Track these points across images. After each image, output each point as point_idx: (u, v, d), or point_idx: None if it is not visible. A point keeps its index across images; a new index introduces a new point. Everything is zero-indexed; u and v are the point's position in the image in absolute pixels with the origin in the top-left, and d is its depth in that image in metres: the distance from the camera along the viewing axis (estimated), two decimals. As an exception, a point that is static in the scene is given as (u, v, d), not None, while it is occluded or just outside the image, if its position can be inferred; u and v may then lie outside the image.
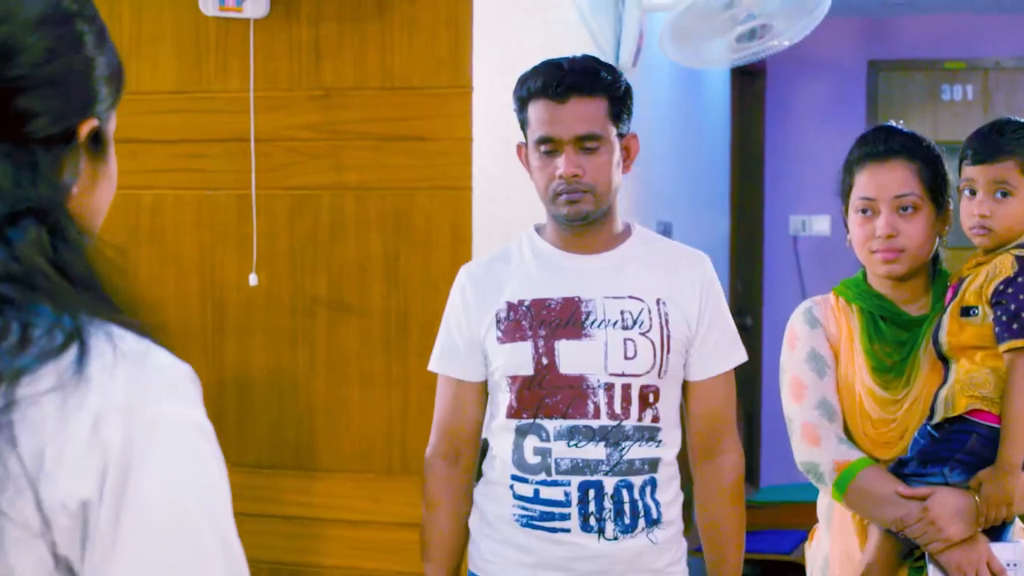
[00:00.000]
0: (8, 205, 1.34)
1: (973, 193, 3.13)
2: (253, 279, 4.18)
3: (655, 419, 3.15)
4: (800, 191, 8.84)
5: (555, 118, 3.11)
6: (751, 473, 8.08)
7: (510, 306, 3.20)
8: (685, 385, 3.26)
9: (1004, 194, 3.09)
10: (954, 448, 3.06)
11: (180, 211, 4.32)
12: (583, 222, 3.17)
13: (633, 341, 3.13)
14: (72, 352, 1.30)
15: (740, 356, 3.29)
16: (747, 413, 8.28)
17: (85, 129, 1.43)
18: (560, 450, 3.13)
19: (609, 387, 3.12)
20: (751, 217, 8.88)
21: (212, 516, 1.36)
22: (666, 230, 6.36)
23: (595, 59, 3.21)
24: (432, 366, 3.34)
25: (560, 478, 3.13)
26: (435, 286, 4.06)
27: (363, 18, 4.12)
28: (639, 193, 5.93)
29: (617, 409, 3.12)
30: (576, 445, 3.12)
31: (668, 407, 3.19)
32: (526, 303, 3.18)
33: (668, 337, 3.16)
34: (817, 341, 3.27)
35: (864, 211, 3.20)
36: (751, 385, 8.30)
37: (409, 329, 4.12)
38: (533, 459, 3.16)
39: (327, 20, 4.16)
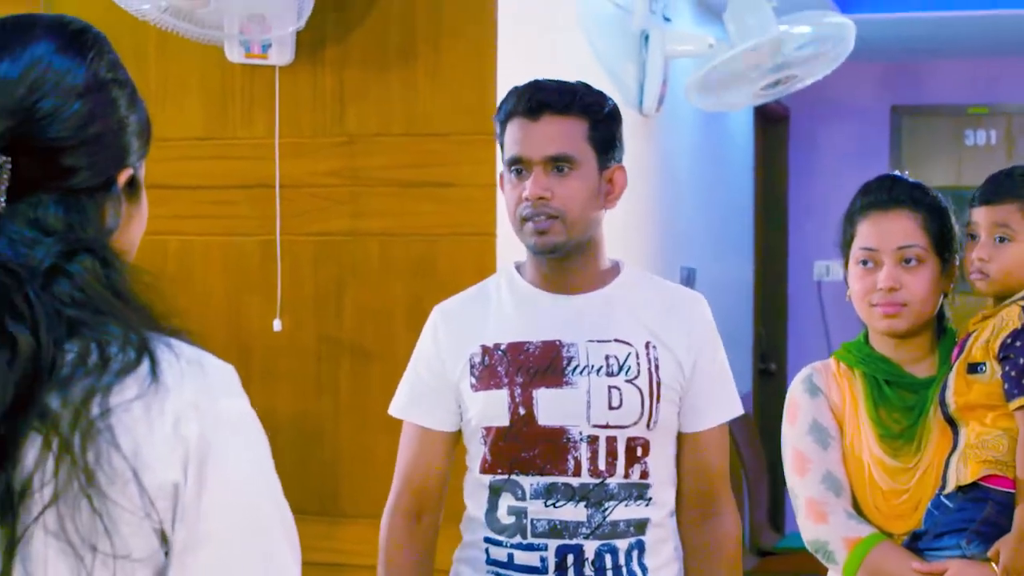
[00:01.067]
0: (65, 244, 1.59)
1: (974, 237, 3.02)
2: (277, 324, 4.19)
3: (644, 475, 2.87)
4: (824, 236, 8.78)
5: (526, 136, 2.86)
6: (775, 519, 8.05)
7: (485, 350, 2.91)
8: (677, 438, 2.97)
9: (1003, 239, 2.97)
10: (970, 518, 2.88)
11: (206, 257, 4.33)
12: (554, 255, 2.88)
13: (619, 389, 2.85)
14: (145, 364, 1.56)
15: (735, 408, 3.04)
16: (770, 459, 8.26)
17: (122, 178, 1.68)
18: (536, 510, 2.84)
19: (592, 440, 2.84)
20: (775, 262, 8.88)
21: (268, 485, 1.65)
22: (690, 276, 6.36)
23: (581, 83, 2.97)
24: (395, 411, 3.06)
25: (536, 541, 2.84)
26: (459, 332, 4.06)
27: (387, 65, 4.14)
28: (663, 238, 5.93)
29: (601, 465, 2.84)
30: (554, 505, 2.84)
31: (660, 462, 2.91)
32: (502, 347, 2.90)
33: (658, 384, 2.87)
34: (819, 411, 3.07)
35: (865, 263, 3.04)
36: (775, 429, 8.27)
37: (433, 375, 4.11)
38: (507, 519, 2.88)
39: (352, 67, 4.19)
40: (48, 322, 1.54)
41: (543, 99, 2.87)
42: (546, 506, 2.84)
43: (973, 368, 2.92)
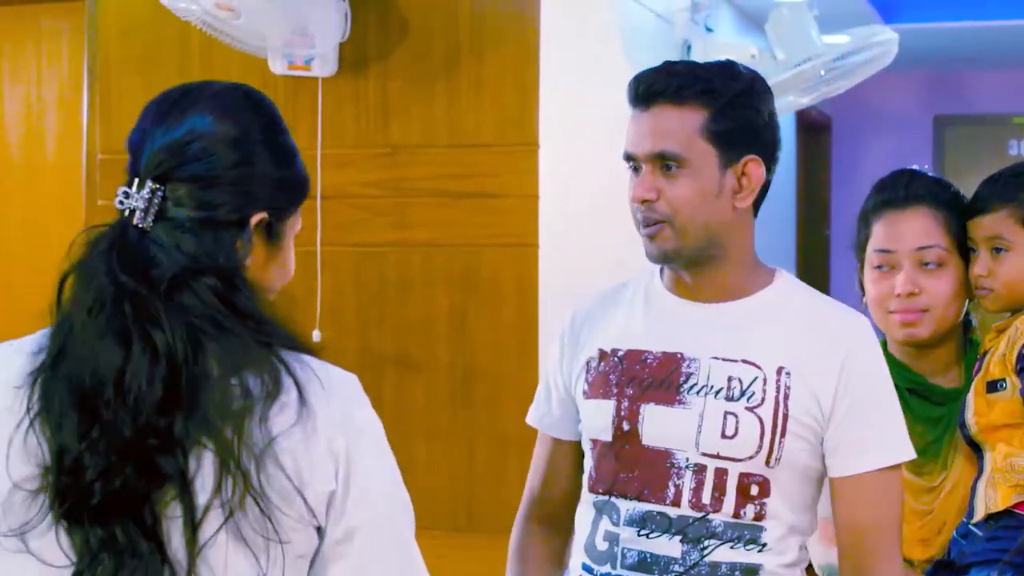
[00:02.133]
0: (194, 264, 1.84)
1: (974, 251, 2.77)
2: (317, 335, 4.19)
3: (759, 517, 2.47)
4: (866, 246, 8.80)
5: (635, 129, 2.52)
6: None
7: (602, 355, 2.60)
8: (830, 484, 2.54)
9: (999, 250, 2.72)
10: (1002, 548, 2.59)
11: (248, 267, 4.34)
12: (671, 263, 2.55)
13: (736, 416, 2.47)
14: (293, 390, 1.83)
15: (902, 452, 2.52)
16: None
17: (255, 219, 1.93)
18: (629, 538, 2.52)
19: (699, 469, 2.48)
20: (818, 273, 8.85)
21: (395, 481, 1.97)
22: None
23: (721, 63, 2.58)
24: (528, 418, 2.81)
25: (625, 573, 2.53)
26: (501, 343, 4.06)
27: (430, 77, 4.15)
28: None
29: (704, 498, 2.47)
30: (647, 536, 2.50)
31: (786, 506, 2.49)
32: (620, 353, 2.58)
33: (784, 417, 2.46)
34: None
35: (880, 266, 2.80)
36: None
37: (475, 385, 4.12)
38: (602, 546, 2.56)
39: (394, 78, 4.19)
40: (174, 326, 1.79)
41: (655, 85, 2.49)
42: (639, 535, 2.51)
43: (993, 386, 2.68)
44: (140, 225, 1.86)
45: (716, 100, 2.47)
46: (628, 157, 2.53)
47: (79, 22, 4.66)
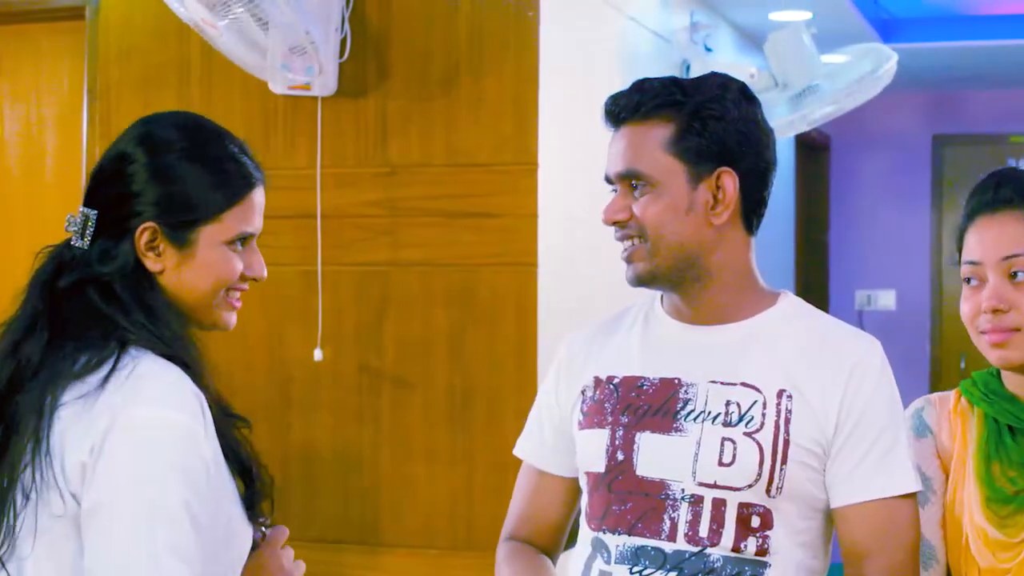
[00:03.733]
0: (82, 274, 2.15)
1: (970, 281, 2.44)
2: (318, 354, 4.20)
3: (761, 551, 2.29)
4: (865, 266, 8.80)
5: (609, 150, 2.43)
6: None
7: (597, 383, 2.45)
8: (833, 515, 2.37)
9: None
10: None
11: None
12: (647, 285, 2.42)
13: (733, 442, 2.30)
14: (104, 371, 2.05)
15: (905, 482, 2.32)
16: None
17: (139, 232, 2.15)
18: None
19: (696, 501, 2.31)
20: (816, 292, 8.85)
21: (153, 484, 2.01)
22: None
23: (702, 76, 2.46)
24: (516, 448, 2.66)
25: None
26: (500, 362, 4.07)
27: (429, 96, 4.15)
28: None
29: (702, 531, 2.30)
30: (640, 573, 2.32)
31: (789, 538, 2.31)
32: (616, 380, 2.43)
33: (785, 443, 2.29)
34: (923, 456, 2.45)
35: (969, 280, 2.42)
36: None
37: (474, 405, 4.12)
38: None
39: (394, 98, 4.20)
40: (53, 324, 2.13)
41: (620, 103, 2.42)
42: (631, 573, 2.33)
43: None
44: (76, 244, 2.18)
45: (682, 111, 2.36)
46: (606, 179, 2.45)
47: (79, 42, 4.66)
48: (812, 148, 8.76)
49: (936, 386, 8.29)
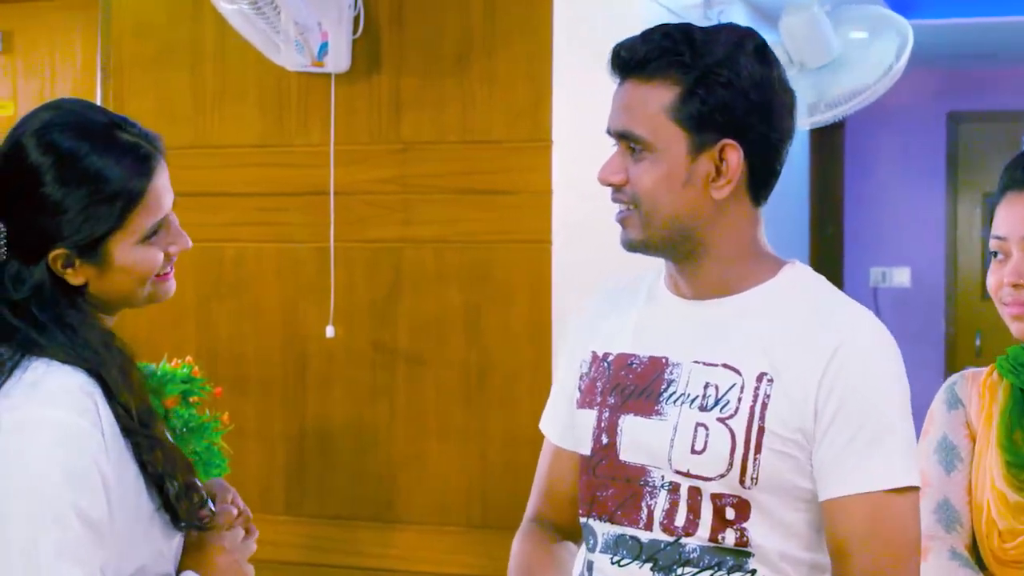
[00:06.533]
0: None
1: (997, 255, 2.49)
2: (330, 331, 4.20)
3: (742, 542, 2.13)
4: (880, 243, 8.79)
5: (613, 100, 2.22)
6: None
7: (594, 358, 2.33)
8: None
9: None
10: None
11: (260, 263, 4.35)
12: (637, 251, 2.26)
13: (706, 428, 2.14)
14: (1, 379, 2.05)
15: (901, 475, 2.10)
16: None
17: (52, 257, 2.12)
18: (602, 567, 2.24)
19: (673, 488, 2.17)
20: (831, 269, 8.83)
21: (24, 481, 1.98)
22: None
23: (716, 27, 2.24)
24: (541, 423, 2.49)
25: None
26: (514, 339, 4.06)
27: (443, 73, 4.14)
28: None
29: (678, 520, 2.16)
30: (619, 563, 2.21)
31: (774, 531, 2.15)
32: (610, 357, 2.29)
33: (759, 430, 2.12)
34: (953, 426, 2.48)
35: (996, 254, 2.46)
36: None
37: (488, 382, 4.12)
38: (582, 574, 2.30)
39: (407, 75, 4.19)
40: None
41: (624, 55, 2.19)
42: (612, 563, 2.22)
43: None
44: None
45: (688, 75, 2.13)
46: (608, 132, 2.23)
47: (93, 19, 4.66)
48: (825, 126, 8.73)
49: (951, 363, 8.28)
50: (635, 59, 2.16)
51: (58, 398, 2.04)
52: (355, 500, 4.26)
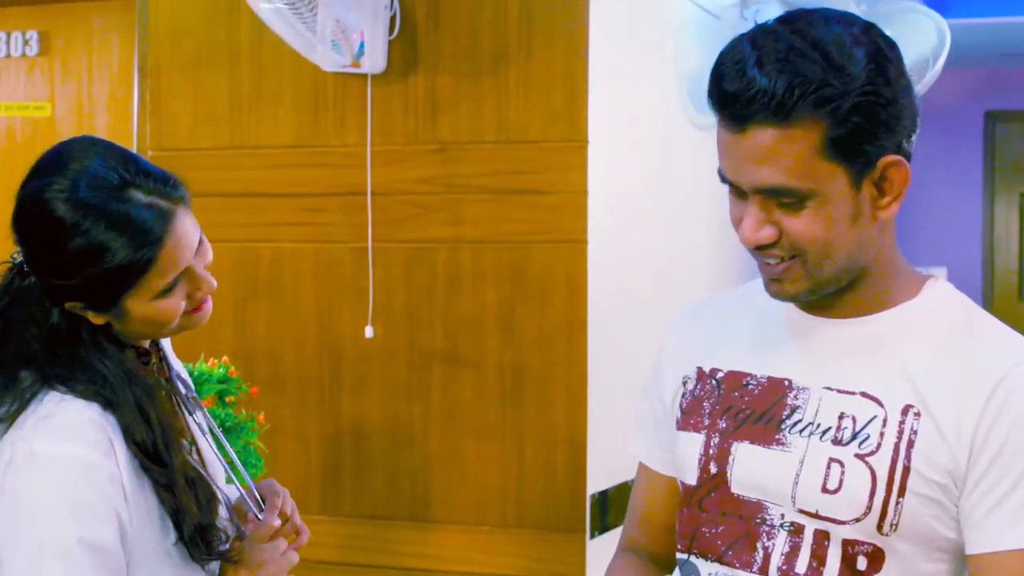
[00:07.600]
0: (23, 316, 2.17)
1: None
2: (369, 331, 4.21)
3: None
4: (916, 243, 8.76)
5: (730, 152, 1.91)
6: None
7: (700, 374, 2.12)
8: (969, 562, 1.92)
9: None
10: None
11: (298, 264, 4.36)
12: (798, 301, 2.02)
13: (842, 465, 1.91)
14: (17, 408, 2.07)
15: None
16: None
17: (68, 305, 2.14)
18: None
19: (796, 530, 1.94)
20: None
21: (36, 514, 2.00)
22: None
23: (819, 37, 1.85)
24: (628, 441, 2.33)
25: None
26: (550, 339, 4.06)
27: (479, 73, 4.15)
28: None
29: (799, 567, 1.94)
30: None
31: None
32: (720, 375, 2.09)
33: (905, 470, 1.88)
34: None
35: None
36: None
37: (524, 383, 4.12)
38: None
39: (444, 75, 4.20)
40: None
41: (744, 100, 1.85)
42: None
43: None
44: (25, 281, 2.18)
45: (833, 106, 1.84)
46: (723, 177, 1.97)
47: (130, 20, 4.68)
48: (863, 125, 8.73)
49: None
50: (768, 103, 1.84)
51: (71, 432, 2.05)
52: (391, 500, 4.26)
